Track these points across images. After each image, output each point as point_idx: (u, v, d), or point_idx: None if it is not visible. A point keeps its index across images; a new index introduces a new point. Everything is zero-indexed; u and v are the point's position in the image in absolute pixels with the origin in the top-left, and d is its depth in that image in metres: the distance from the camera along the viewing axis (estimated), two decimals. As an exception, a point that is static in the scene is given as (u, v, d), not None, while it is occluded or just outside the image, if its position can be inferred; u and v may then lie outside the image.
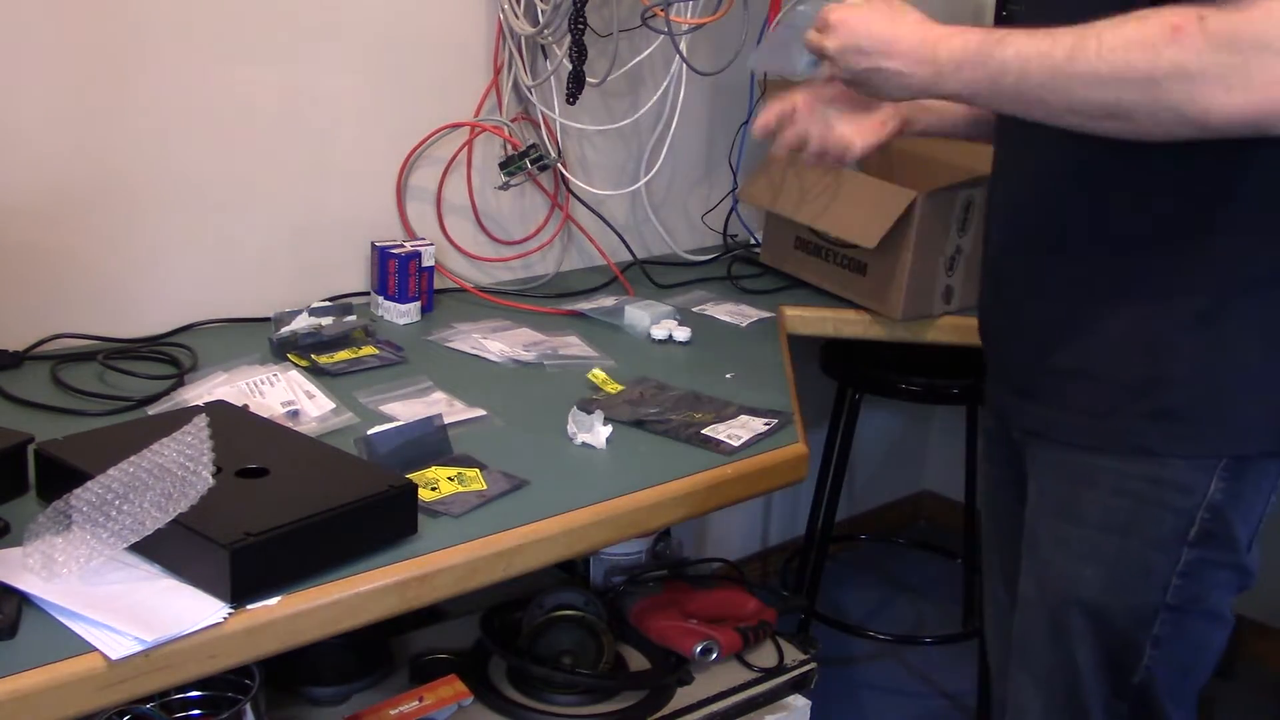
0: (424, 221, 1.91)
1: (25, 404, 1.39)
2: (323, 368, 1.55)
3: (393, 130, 1.84)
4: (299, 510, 1.05)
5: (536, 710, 1.53)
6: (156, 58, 1.58)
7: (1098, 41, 0.96)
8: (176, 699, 1.25)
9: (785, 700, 1.65)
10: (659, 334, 1.77)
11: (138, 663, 0.95)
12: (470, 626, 1.65)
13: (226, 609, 1.00)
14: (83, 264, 1.58)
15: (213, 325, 1.69)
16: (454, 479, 1.26)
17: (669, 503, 1.31)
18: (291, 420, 1.37)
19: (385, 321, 1.78)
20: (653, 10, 1.73)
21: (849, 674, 2.52)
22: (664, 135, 2.04)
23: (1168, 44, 0.92)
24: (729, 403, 1.50)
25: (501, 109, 1.94)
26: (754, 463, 1.39)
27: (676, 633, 1.64)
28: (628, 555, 1.81)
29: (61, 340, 1.56)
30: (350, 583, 1.07)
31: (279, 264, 1.77)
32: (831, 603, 2.68)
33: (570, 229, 2.10)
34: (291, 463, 1.15)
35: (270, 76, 1.69)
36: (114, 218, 1.60)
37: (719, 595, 1.77)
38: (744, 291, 2.03)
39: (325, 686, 1.51)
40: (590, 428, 1.39)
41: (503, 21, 1.88)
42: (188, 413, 1.32)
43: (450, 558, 1.13)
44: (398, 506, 1.13)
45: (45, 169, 1.53)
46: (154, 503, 1.01)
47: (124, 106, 1.57)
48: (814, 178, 1.94)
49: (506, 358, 1.64)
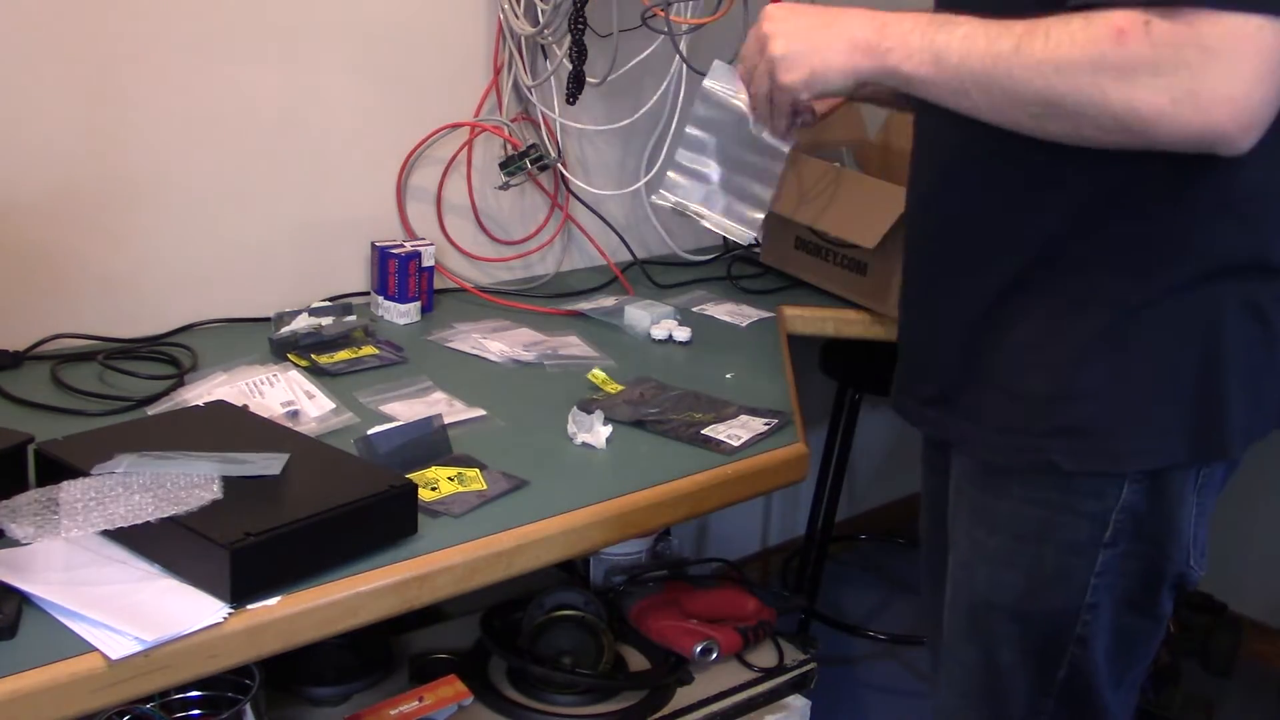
0: (424, 221, 1.91)
1: (25, 404, 1.39)
2: (323, 368, 1.55)
3: (393, 130, 1.84)
4: (299, 510, 1.05)
5: (536, 710, 1.53)
6: (157, 57, 1.58)
7: (1044, 36, 0.94)
8: (176, 699, 1.25)
9: (785, 700, 1.65)
10: (659, 334, 1.77)
11: (138, 663, 0.95)
12: (470, 626, 1.65)
13: (226, 609, 1.00)
14: (83, 264, 1.58)
15: (213, 325, 1.69)
16: (454, 479, 1.26)
17: (669, 503, 1.31)
18: (291, 420, 1.37)
19: (385, 321, 1.78)
20: (653, 10, 1.73)
21: (849, 674, 2.52)
22: (664, 135, 2.04)
23: (1111, 46, 0.90)
24: (729, 403, 1.50)
25: (501, 109, 1.94)
26: (754, 463, 1.39)
27: (676, 633, 1.64)
28: (628, 555, 1.81)
29: (61, 340, 1.56)
30: (350, 583, 1.07)
31: (279, 264, 1.77)
32: (831, 603, 2.68)
33: (570, 229, 2.10)
34: (291, 463, 1.15)
35: (271, 77, 1.69)
36: (114, 217, 1.60)
37: (719, 595, 1.78)
38: (744, 291, 2.03)
39: (325, 686, 1.51)
40: (590, 428, 1.39)
41: (503, 21, 1.88)
42: (188, 413, 1.32)
43: (450, 558, 1.13)
44: (398, 506, 1.13)
45: (45, 169, 1.53)
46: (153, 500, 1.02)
47: (125, 106, 1.57)
48: (814, 178, 1.94)
49: (506, 358, 1.64)
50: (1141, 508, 1.07)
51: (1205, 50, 0.86)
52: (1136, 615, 1.13)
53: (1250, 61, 0.86)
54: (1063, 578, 1.10)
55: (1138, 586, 1.11)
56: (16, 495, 1.07)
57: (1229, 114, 0.87)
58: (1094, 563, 1.09)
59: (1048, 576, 1.11)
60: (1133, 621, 1.13)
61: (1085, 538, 1.08)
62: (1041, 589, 1.12)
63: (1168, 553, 1.10)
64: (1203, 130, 0.89)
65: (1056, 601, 1.11)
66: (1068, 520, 1.09)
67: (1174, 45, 0.87)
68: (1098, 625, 1.11)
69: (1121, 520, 1.07)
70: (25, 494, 1.07)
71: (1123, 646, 1.14)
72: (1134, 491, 1.07)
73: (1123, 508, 1.07)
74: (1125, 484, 1.06)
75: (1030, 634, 1.13)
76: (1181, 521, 1.09)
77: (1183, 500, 1.08)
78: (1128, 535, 1.08)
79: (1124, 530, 1.08)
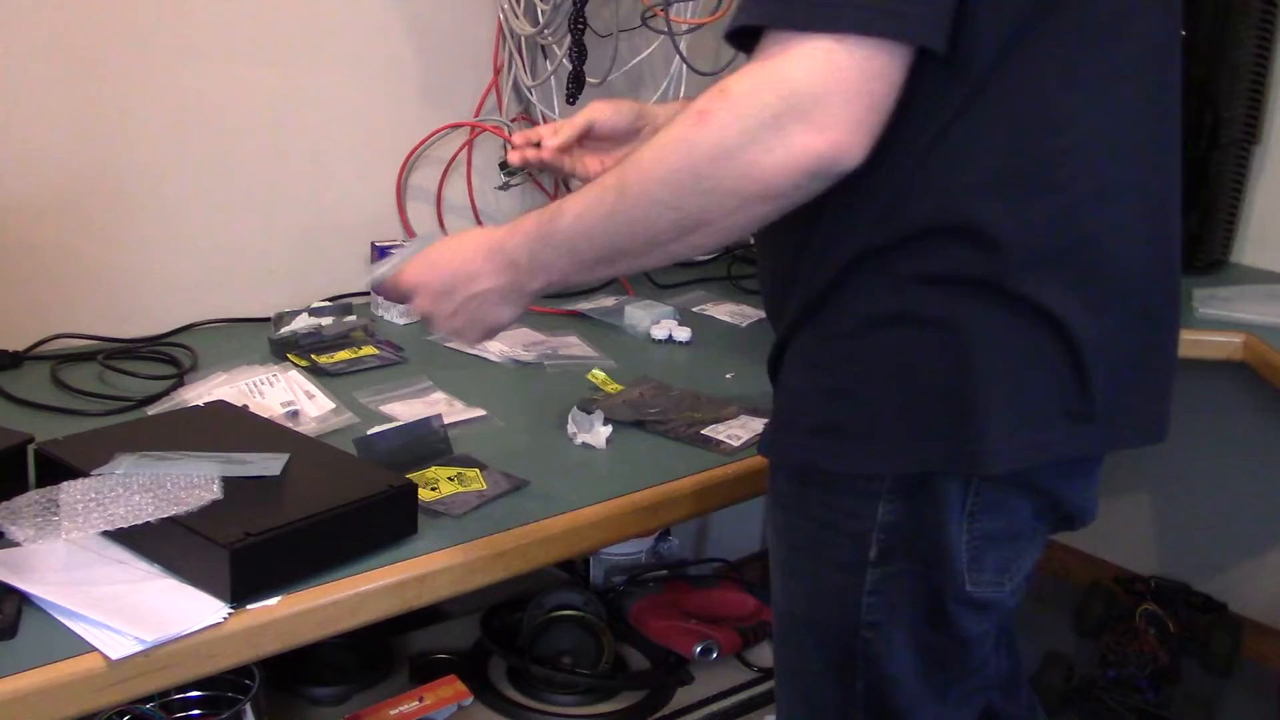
0: (424, 222, 1.91)
1: (25, 404, 1.39)
2: (323, 368, 1.55)
3: (393, 130, 1.84)
4: (299, 510, 1.05)
5: (536, 710, 1.53)
6: (157, 57, 1.58)
7: (635, 166, 0.93)
8: (176, 699, 1.25)
9: (785, 700, 1.65)
10: (659, 334, 1.77)
11: (138, 663, 0.95)
12: (470, 626, 1.65)
13: (226, 609, 1.00)
14: (83, 264, 1.58)
15: (213, 325, 1.69)
16: (454, 479, 1.26)
17: (669, 503, 1.31)
18: (291, 420, 1.37)
19: (385, 321, 1.78)
20: (653, 10, 1.73)
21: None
22: (664, 135, 2.04)
23: (698, 132, 0.89)
24: (729, 402, 1.50)
25: (501, 109, 1.94)
26: (754, 463, 1.39)
27: (676, 633, 1.64)
28: (628, 555, 1.82)
29: (61, 340, 1.56)
30: (350, 583, 1.07)
31: (279, 264, 1.77)
32: (831, 603, 2.68)
33: (570, 229, 2.10)
34: (291, 463, 1.15)
35: (271, 77, 1.69)
36: (114, 218, 1.60)
37: (719, 595, 1.78)
38: (744, 291, 2.03)
39: (325, 686, 1.51)
40: (590, 428, 1.39)
41: (503, 21, 1.88)
42: (188, 413, 1.32)
43: (450, 558, 1.13)
44: (397, 506, 1.13)
45: (46, 169, 1.53)
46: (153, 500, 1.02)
47: (125, 106, 1.57)
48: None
49: (506, 358, 1.64)
50: (905, 526, 1.03)
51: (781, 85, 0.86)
52: (934, 632, 1.07)
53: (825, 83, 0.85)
54: (837, 594, 1.07)
55: (923, 605, 1.06)
56: (16, 496, 1.07)
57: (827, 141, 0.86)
58: (863, 581, 1.05)
59: (825, 591, 1.08)
60: (934, 639, 1.07)
61: (849, 557, 1.05)
62: (822, 603, 1.09)
63: (940, 572, 1.04)
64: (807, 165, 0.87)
65: (836, 616, 1.08)
66: (831, 538, 1.06)
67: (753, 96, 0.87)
68: (889, 643, 1.07)
69: (884, 539, 1.03)
70: (25, 495, 1.07)
71: (933, 663, 1.08)
72: (890, 510, 1.02)
73: (882, 527, 1.03)
74: (880, 503, 1.02)
75: (824, 644, 1.10)
76: (949, 540, 1.03)
77: (948, 518, 1.02)
78: (897, 554, 1.04)
79: (892, 549, 1.03)
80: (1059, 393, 0.98)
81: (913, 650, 1.07)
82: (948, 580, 1.04)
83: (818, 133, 0.86)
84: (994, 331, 0.97)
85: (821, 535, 1.07)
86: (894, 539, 1.03)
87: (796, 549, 1.10)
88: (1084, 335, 0.97)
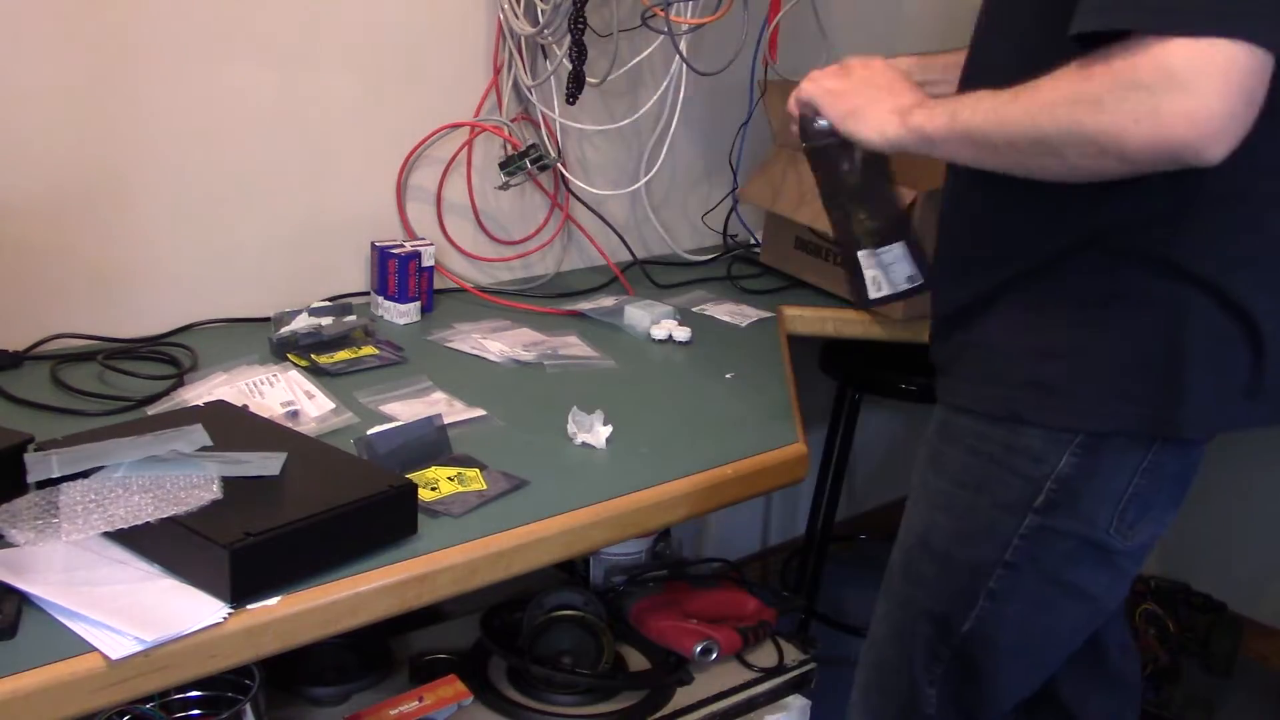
0: (424, 221, 1.91)
1: (25, 404, 1.39)
2: (323, 368, 1.55)
3: (393, 130, 1.84)
4: (299, 510, 1.05)
5: (536, 710, 1.53)
6: (157, 57, 1.58)
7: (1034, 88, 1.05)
8: (176, 699, 1.25)
9: (785, 700, 1.65)
10: (659, 334, 1.77)
11: (138, 663, 0.95)
12: (470, 626, 1.65)
13: (226, 609, 1.00)
14: (82, 263, 1.58)
15: (213, 325, 1.69)
16: (454, 479, 1.26)
17: (669, 503, 1.31)
18: (291, 420, 1.37)
19: (385, 321, 1.78)
20: (653, 10, 1.73)
21: (849, 674, 2.51)
22: (664, 135, 2.04)
23: (1081, 81, 1.00)
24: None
25: (501, 109, 1.94)
26: (754, 463, 1.39)
27: (676, 633, 1.64)
28: (628, 555, 1.81)
29: (61, 340, 1.56)
30: (350, 583, 1.07)
31: (279, 264, 1.77)
32: (831, 603, 2.68)
33: (570, 229, 2.10)
34: (291, 463, 1.15)
35: (271, 76, 1.69)
36: (114, 217, 1.60)
37: (719, 595, 1.78)
38: (744, 291, 2.03)
39: (325, 686, 1.51)
40: (590, 428, 1.39)
41: (503, 21, 1.88)
42: (188, 413, 1.32)
43: (450, 558, 1.13)
44: (398, 506, 1.13)
45: (45, 168, 1.53)
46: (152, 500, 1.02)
47: (124, 105, 1.57)
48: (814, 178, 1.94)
49: (506, 358, 1.64)
50: (1077, 480, 1.15)
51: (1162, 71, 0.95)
52: (1052, 586, 1.20)
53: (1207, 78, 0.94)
54: (989, 530, 1.20)
55: (1059, 557, 1.18)
56: (16, 497, 1.07)
57: (1187, 127, 0.95)
58: (1021, 523, 1.18)
59: (976, 526, 1.21)
60: (1048, 592, 1.21)
61: (1017, 497, 1.17)
62: (966, 538, 1.22)
63: (1094, 521, 1.16)
64: (1167, 143, 0.96)
65: (977, 552, 1.21)
66: (1003, 477, 1.18)
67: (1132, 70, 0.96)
68: (1014, 585, 1.20)
69: (1055, 490, 1.15)
70: (25, 497, 1.07)
71: (1037, 618, 1.22)
72: (1071, 464, 1.14)
73: (1057, 476, 1.15)
74: (1066, 451, 1.14)
75: (948, 577, 1.24)
76: (1116, 491, 1.15)
77: (1118, 472, 1.15)
78: (1056, 505, 1.16)
79: (1057, 504, 1.16)
80: (1245, 374, 1.13)
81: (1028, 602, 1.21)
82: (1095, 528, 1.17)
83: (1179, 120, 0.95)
84: (1204, 321, 1.10)
85: (993, 473, 1.19)
86: (1063, 493, 1.15)
87: (961, 485, 1.22)
88: (1267, 328, 1.11)
